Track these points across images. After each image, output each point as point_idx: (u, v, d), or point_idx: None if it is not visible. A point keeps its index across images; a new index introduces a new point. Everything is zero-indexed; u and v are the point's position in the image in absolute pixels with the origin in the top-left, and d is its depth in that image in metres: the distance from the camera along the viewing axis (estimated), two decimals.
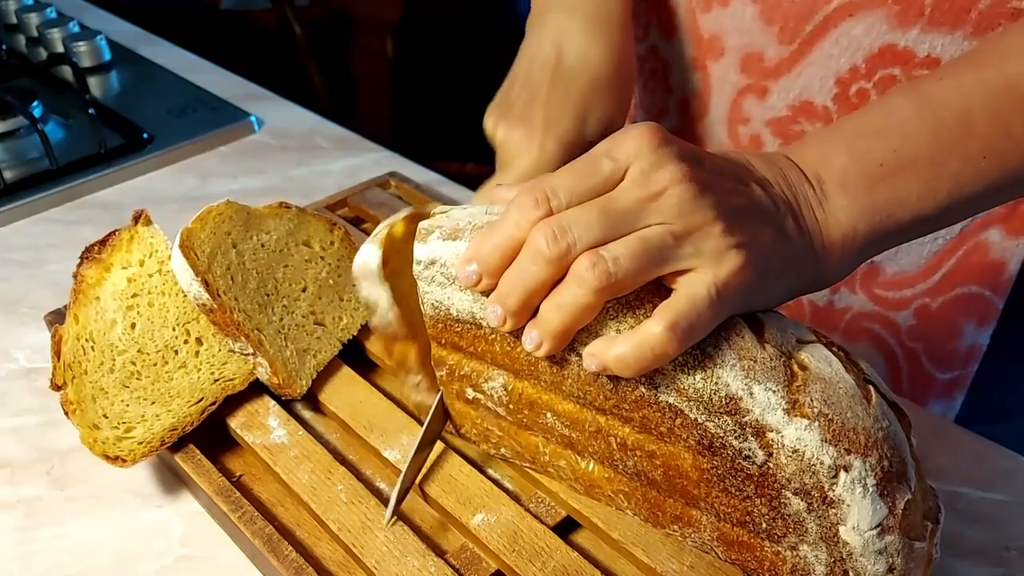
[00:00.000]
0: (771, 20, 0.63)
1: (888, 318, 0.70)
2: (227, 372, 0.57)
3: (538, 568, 0.47)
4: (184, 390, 0.56)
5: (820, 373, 0.40)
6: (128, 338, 0.58)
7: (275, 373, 0.57)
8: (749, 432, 0.39)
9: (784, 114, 0.66)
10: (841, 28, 0.60)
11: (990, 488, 0.56)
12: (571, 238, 0.38)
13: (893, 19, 0.58)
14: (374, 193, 0.80)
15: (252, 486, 0.54)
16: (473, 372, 0.48)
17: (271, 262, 0.61)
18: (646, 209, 0.39)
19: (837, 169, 0.43)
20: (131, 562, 0.52)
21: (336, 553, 0.50)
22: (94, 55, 1.08)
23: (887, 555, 0.39)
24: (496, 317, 0.40)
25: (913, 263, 0.67)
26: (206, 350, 0.58)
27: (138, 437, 0.53)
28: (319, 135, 0.98)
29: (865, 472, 0.38)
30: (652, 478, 0.44)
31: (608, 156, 0.40)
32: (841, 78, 0.62)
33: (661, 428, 0.41)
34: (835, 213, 0.43)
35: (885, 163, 0.43)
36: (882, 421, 0.40)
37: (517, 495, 0.52)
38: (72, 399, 0.54)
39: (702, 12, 0.67)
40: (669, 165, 0.39)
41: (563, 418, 0.46)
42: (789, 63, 0.64)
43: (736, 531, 0.43)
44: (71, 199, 0.86)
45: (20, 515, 0.55)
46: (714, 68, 0.69)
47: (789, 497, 0.40)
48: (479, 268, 0.40)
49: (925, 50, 0.59)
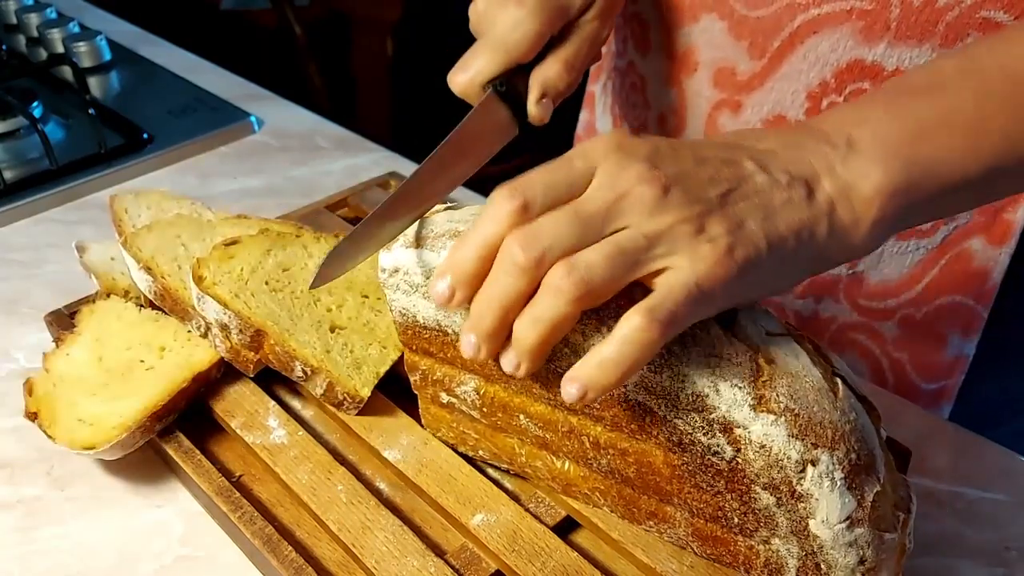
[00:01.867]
0: (740, 36, 0.63)
1: (873, 328, 0.70)
2: (194, 360, 0.58)
3: (538, 568, 0.47)
4: (154, 381, 0.57)
5: (787, 367, 0.40)
6: (97, 367, 0.59)
7: (332, 386, 0.56)
8: (717, 428, 0.39)
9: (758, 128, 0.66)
10: (808, 44, 0.60)
11: (990, 488, 0.56)
12: (544, 245, 0.37)
13: (858, 34, 0.58)
14: (374, 193, 0.80)
15: (252, 486, 0.54)
16: (445, 377, 0.48)
17: (297, 280, 0.61)
18: (615, 211, 0.37)
19: (873, 123, 0.41)
20: (131, 562, 0.52)
21: (336, 553, 0.50)
22: (94, 55, 1.08)
23: (857, 547, 0.40)
24: (470, 346, 0.38)
25: (896, 272, 0.67)
26: (170, 352, 0.59)
27: (113, 423, 0.54)
28: (319, 135, 0.98)
29: (832, 466, 0.39)
30: (626, 475, 0.45)
31: (579, 156, 0.39)
32: (812, 92, 0.62)
33: (632, 426, 0.42)
34: (866, 169, 0.40)
35: (925, 119, 0.42)
36: (849, 414, 0.40)
37: (517, 495, 0.52)
38: (45, 420, 0.55)
39: (674, 28, 0.67)
40: (634, 165, 0.38)
41: (536, 420, 0.46)
42: (760, 78, 0.64)
43: (710, 526, 0.43)
44: (71, 199, 0.86)
45: (20, 515, 0.55)
46: (688, 83, 0.68)
47: (759, 492, 0.40)
48: (452, 280, 0.39)
49: (893, 64, 0.58)
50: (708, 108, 0.68)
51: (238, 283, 0.58)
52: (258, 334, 0.57)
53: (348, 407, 0.56)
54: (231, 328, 0.57)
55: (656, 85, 0.72)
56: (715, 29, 0.64)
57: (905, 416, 0.61)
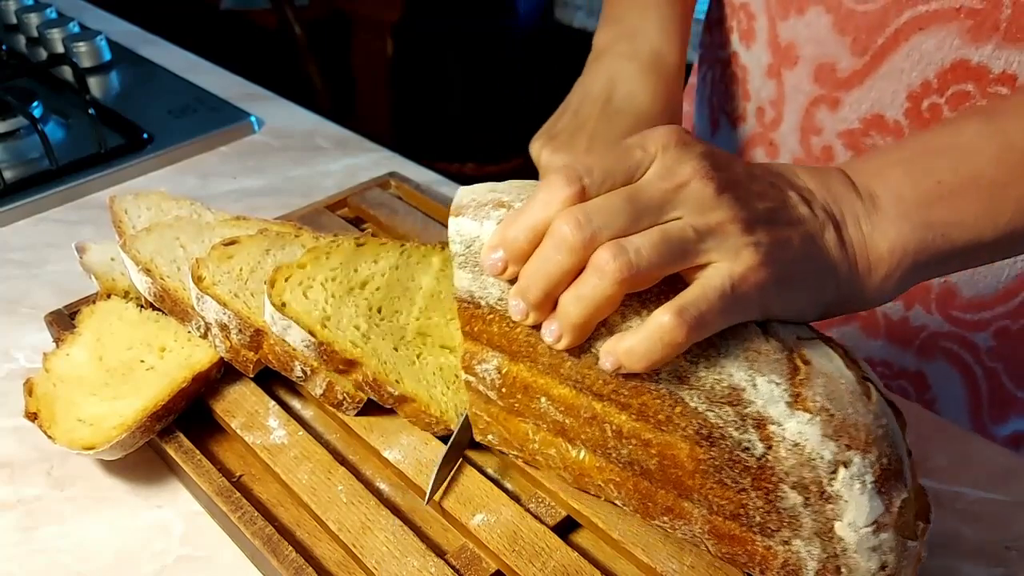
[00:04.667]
0: (844, 31, 0.62)
1: (966, 338, 0.69)
2: (194, 360, 0.58)
3: (538, 568, 0.47)
4: (154, 381, 0.57)
5: (822, 368, 0.40)
6: (97, 367, 0.59)
7: (331, 386, 0.56)
8: (750, 424, 0.39)
9: (856, 127, 0.65)
10: (912, 41, 0.59)
11: (990, 488, 0.56)
12: (596, 225, 0.37)
13: (966, 34, 0.57)
14: (374, 193, 0.80)
15: (252, 486, 0.54)
16: (466, 353, 0.48)
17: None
18: (669, 202, 0.38)
19: (893, 183, 0.42)
20: (131, 562, 0.52)
21: (336, 553, 0.50)
22: (94, 55, 1.08)
23: (881, 552, 0.40)
24: (519, 311, 0.40)
25: (991, 286, 0.66)
26: (170, 352, 0.59)
27: (113, 423, 0.54)
28: (319, 135, 0.98)
29: (864, 468, 0.38)
30: (646, 468, 0.44)
31: (639, 145, 0.40)
32: (913, 93, 0.61)
33: (659, 416, 0.41)
34: (884, 227, 0.42)
35: (944, 181, 0.42)
36: (882, 419, 0.40)
37: (517, 495, 0.52)
38: (45, 420, 0.55)
39: (780, 19, 0.67)
40: (692, 161, 0.39)
41: (558, 403, 0.45)
42: (861, 75, 0.63)
43: (728, 524, 0.43)
44: (71, 199, 0.86)
45: (20, 515, 0.55)
46: (788, 76, 0.68)
47: (786, 491, 0.40)
48: (505, 255, 0.40)
49: (1000, 66, 0.57)
50: (806, 103, 0.68)
51: (237, 283, 0.58)
52: (257, 334, 0.57)
53: (347, 407, 0.56)
54: (231, 328, 0.57)
55: (757, 77, 0.72)
56: (820, 23, 0.64)
57: (905, 416, 0.61)
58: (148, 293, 0.61)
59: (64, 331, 0.62)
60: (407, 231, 0.75)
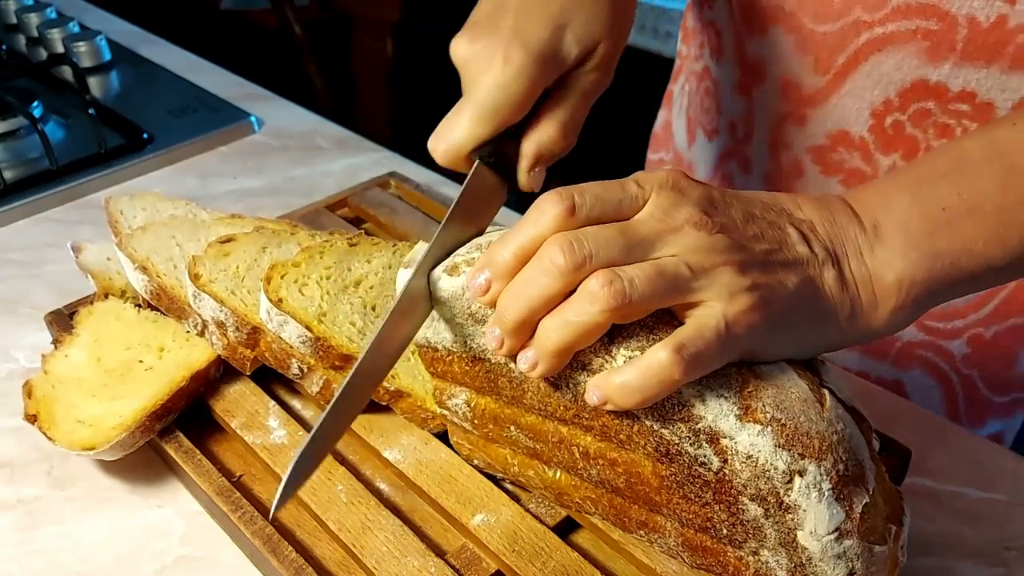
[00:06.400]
0: (805, 50, 0.63)
1: (940, 347, 0.69)
2: (193, 359, 0.58)
3: (538, 568, 0.47)
4: (152, 381, 0.57)
5: (772, 379, 0.40)
6: (96, 368, 0.59)
7: (328, 384, 0.56)
8: (703, 439, 0.39)
9: (823, 143, 0.66)
10: (872, 61, 0.60)
11: (990, 488, 0.56)
12: (588, 251, 0.37)
13: (923, 54, 0.57)
14: (374, 193, 0.80)
15: (252, 486, 0.54)
16: (436, 390, 0.49)
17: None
18: (663, 240, 0.38)
19: (898, 212, 0.42)
20: (131, 562, 0.52)
21: (336, 553, 0.50)
22: (94, 55, 1.08)
23: (846, 559, 0.39)
24: (494, 338, 0.38)
25: (962, 297, 0.67)
26: (169, 352, 0.59)
27: (112, 424, 0.54)
28: (319, 135, 0.98)
29: (820, 476, 0.38)
30: (615, 485, 0.44)
31: (634, 180, 0.39)
32: (876, 110, 0.61)
33: (620, 436, 0.41)
34: (889, 258, 0.41)
35: (949, 207, 0.41)
36: (836, 425, 0.40)
37: (517, 495, 0.52)
38: (45, 422, 0.55)
39: (746, 37, 0.67)
40: (687, 207, 0.38)
41: (526, 430, 0.46)
42: (825, 93, 0.63)
43: (699, 537, 0.43)
44: (71, 199, 0.86)
45: (20, 515, 0.55)
46: (757, 93, 0.68)
47: (746, 503, 0.40)
48: (491, 274, 0.39)
49: (959, 84, 0.57)
50: (775, 119, 0.68)
51: (234, 280, 0.58)
52: (254, 331, 0.57)
53: None
54: (227, 325, 0.57)
55: (728, 92, 0.72)
56: (783, 42, 0.64)
57: (905, 416, 0.61)
58: (144, 291, 0.61)
59: (62, 332, 0.62)
60: (407, 231, 0.75)
